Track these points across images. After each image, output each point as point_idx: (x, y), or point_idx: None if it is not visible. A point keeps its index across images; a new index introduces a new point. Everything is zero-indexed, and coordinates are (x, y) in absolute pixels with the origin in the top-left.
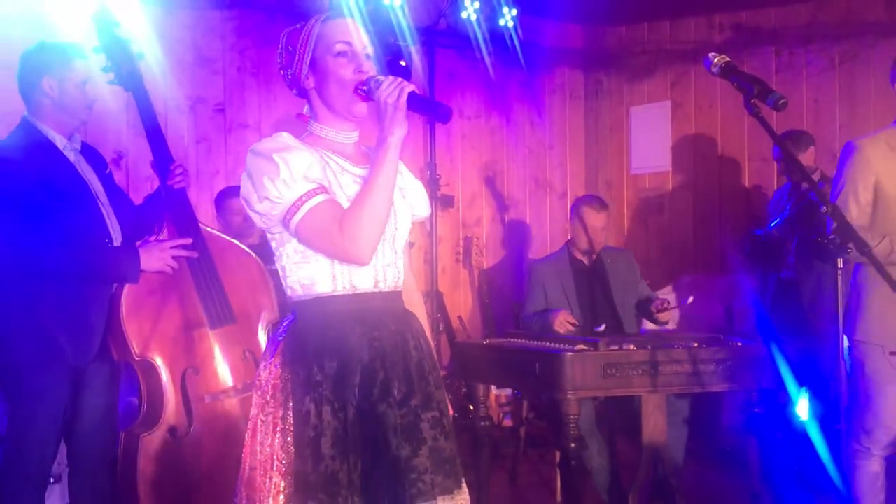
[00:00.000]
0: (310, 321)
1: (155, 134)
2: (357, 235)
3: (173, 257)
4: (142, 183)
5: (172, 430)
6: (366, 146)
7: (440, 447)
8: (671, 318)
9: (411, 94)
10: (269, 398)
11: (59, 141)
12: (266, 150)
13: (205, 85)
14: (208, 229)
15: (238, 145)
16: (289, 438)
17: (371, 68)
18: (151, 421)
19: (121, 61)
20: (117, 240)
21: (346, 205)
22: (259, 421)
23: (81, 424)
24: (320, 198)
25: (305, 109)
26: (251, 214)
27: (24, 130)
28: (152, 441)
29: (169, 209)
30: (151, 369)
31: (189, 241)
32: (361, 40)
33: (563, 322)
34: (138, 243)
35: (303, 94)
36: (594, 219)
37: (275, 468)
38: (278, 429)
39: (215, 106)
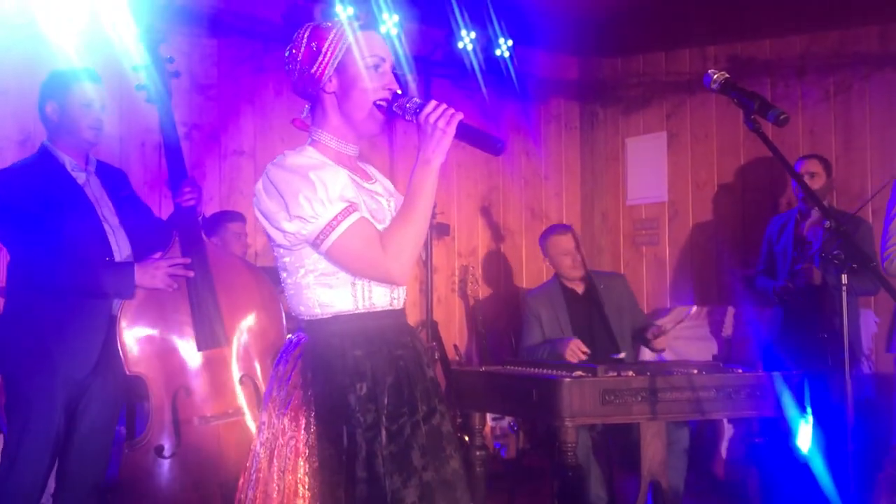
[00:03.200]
0: (330, 340)
1: (173, 152)
2: (400, 255)
3: (171, 276)
4: None
5: (158, 449)
6: (361, 163)
7: (458, 464)
8: (667, 347)
9: (461, 123)
10: (287, 421)
11: (69, 163)
12: (300, 167)
13: (200, 111)
14: (222, 251)
15: (232, 172)
16: (315, 464)
17: (397, 89)
18: (140, 437)
19: (156, 80)
20: (121, 257)
21: None
22: (279, 445)
23: (74, 443)
24: (356, 216)
25: (305, 113)
26: (273, 232)
27: (38, 154)
28: (136, 458)
29: (178, 226)
30: (143, 386)
31: (187, 260)
32: (389, 55)
33: (575, 350)
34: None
35: (313, 95)
36: (559, 243)
37: (300, 494)
38: (303, 454)
39: (210, 132)
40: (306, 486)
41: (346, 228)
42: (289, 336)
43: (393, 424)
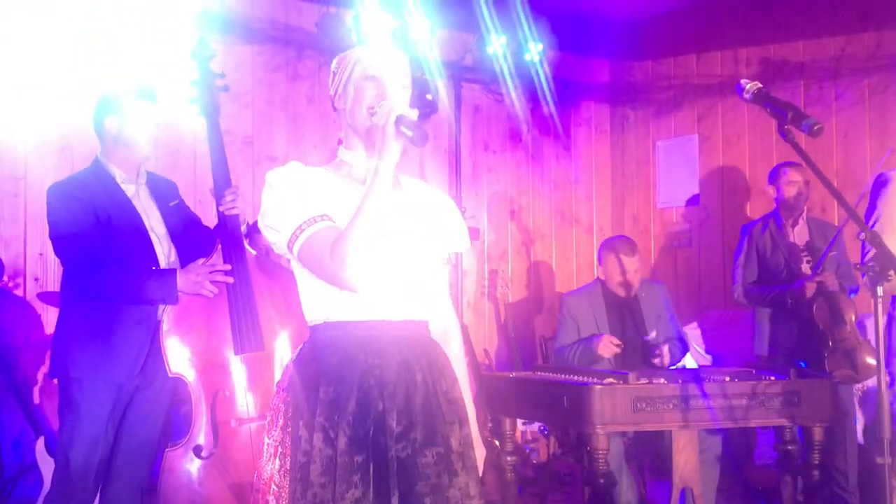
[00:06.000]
0: (316, 346)
1: (220, 163)
2: (345, 260)
3: (212, 282)
4: None
5: (197, 449)
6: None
7: (443, 485)
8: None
9: (398, 117)
10: (273, 421)
11: (119, 176)
12: (274, 179)
13: (234, 118)
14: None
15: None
16: (287, 463)
17: (399, 99)
18: (183, 439)
19: (208, 94)
20: (167, 264)
21: None
22: (266, 444)
23: (122, 444)
24: (320, 225)
25: (342, 134)
26: (268, 242)
27: (92, 167)
28: (176, 456)
29: (221, 234)
30: (184, 387)
31: (228, 267)
32: (396, 72)
33: (608, 344)
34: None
35: (338, 116)
36: (629, 263)
37: (271, 492)
38: (278, 453)
39: (244, 139)
40: (276, 485)
41: (309, 236)
42: None
43: (358, 433)
